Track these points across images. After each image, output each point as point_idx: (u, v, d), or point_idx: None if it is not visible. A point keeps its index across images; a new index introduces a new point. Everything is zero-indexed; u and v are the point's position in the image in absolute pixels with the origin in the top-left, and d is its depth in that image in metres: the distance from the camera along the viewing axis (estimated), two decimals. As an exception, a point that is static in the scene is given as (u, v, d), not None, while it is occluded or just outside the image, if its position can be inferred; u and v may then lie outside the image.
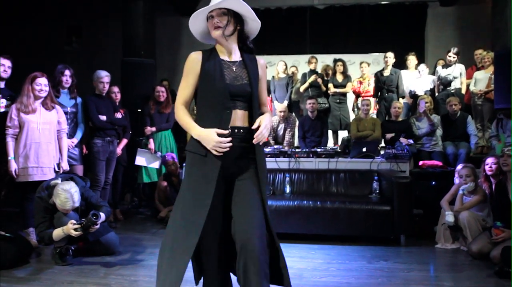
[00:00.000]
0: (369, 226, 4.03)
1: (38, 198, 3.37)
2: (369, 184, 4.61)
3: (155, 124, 5.32)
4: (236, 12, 2.08)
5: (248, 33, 2.18)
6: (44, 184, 3.42)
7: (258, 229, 1.95)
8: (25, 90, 3.84)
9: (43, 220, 3.36)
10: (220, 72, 2.07)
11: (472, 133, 5.90)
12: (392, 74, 6.70)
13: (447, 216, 3.90)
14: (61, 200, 3.23)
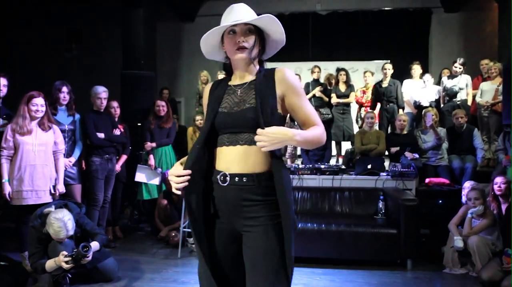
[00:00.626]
0: (375, 250, 3.92)
1: (31, 228, 3.27)
2: (374, 203, 4.49)
3: (155, 140, 5.21)
4: (260, 28, 1.70)
5: (268, 50, 1.79)
6: (38, 212, 3.31)
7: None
8: (21, 111, 3.72)
9: (36, 250, 3.25)
10: (217, 100, 1.69)
11: (479, 146, 5.78)
12: (390, 85, 6.59)
13: (456, 241, 3.78)
14: (54, 229, 3.13)
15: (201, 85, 7.38)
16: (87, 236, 3.44)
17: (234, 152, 1.61)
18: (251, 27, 1.68)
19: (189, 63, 9.62)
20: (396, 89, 6.62)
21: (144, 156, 5.32)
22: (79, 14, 9.25)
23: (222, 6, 8.11)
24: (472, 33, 8.73)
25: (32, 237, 3.26)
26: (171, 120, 5.34)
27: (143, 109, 5.52)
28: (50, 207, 3.30)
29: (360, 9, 9.19)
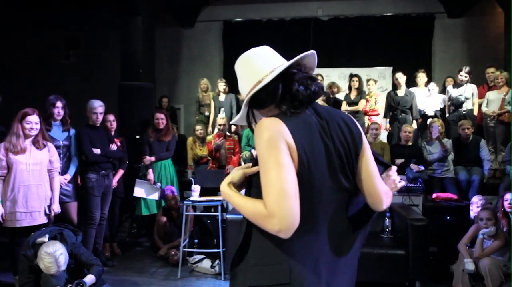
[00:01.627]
0: (382, 272, 3.77)
1: (23, 256, 3.12)
2: (380, 221, 4.34)
3: (154, 153, 5.07)
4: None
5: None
6: (30, 240, 3.16)
7: None
8: (14, 128, 3.58)
9: (28, 280, 3.11)
10: None
11: (486, 158, 5.66)
12: (407, 95, 6.44)
13: (466, 264, 3.64)
14: (45, 264, 2.98)
15: (201, 93, 7.25)
16: (81, 267, 3.29)
17: None
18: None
19: (189, 69, 9.52)
20: (412, 100, 6.47)
21: (143, 170, 5.18)
22: (77, 21, 9.14)
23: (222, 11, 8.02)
24: (476, 39, 8.62)
25: (24, 266, 3.11)
26: (171, 132, 5.19)
27: (141, 121, 5.39)
28: (44, 237, 3.14)
29: (362, 14, 9.09)
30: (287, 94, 1.33)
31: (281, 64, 1.38)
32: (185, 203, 4.35)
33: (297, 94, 1.32)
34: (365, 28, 9.03)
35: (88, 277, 3.17)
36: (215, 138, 5.99)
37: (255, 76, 1.37)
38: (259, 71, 1.37)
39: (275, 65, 1.38)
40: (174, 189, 4.92)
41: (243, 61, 1.44)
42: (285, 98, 1.33)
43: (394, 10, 9.03)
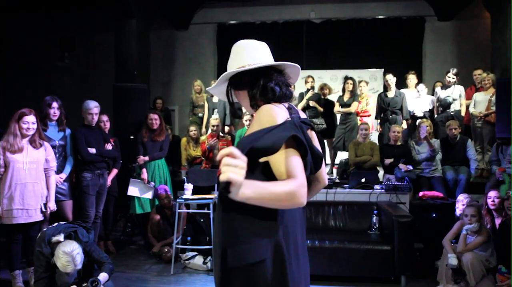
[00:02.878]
0: (369, 267, 3.91)
1: (38, 253, 3.20)
2: (368, 218, 4.49)
3: (148, 153, 5.17)
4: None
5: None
6: (46, 236, 3.22)
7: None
8: (12, 128, 3.67)
9: (44, 275, 3.19)
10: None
11: (472, 157, 5.80)
12: (397, 96, 6.57)
13: (450, 259, 3.77)
14: (62, 263, 3.07)
15: (194, 95, 7.37)
16: (93, 263, 3.39)
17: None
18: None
19: (183, 70, 9.62)
20: (402, 101, 6.61)
21: (136, 170, 5.28)
22: (72, 23, 9.22)
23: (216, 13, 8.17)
24: (466, 42, 8.78)
25: (41, 262, 3.19)
26: (164, 133, 5.30)
27: (135, 122, 5.49)
28: (59, 236, 3.22)
29: (354, 17, 9.23)
30: (265, 88, 1.49)
31: (267, 61, 1.56)
32: (178, 201, 4.46)
33: (274, 91, 1.47)
34: (357, 31, 9.17)
35: (101, 275, 3.26)
36: (208, 138, 6.10)
37: (242, 60, 1.57)
38: (247, 59, 1.56)
39: (262, 60, 1.56)
40: (168, 188, 5.03)
41: (240, 45, 1.64)
42: (264, 91, 1.50)
43: (386, 13, 9.18)
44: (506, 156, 5.47)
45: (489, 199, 4.21)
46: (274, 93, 1.49)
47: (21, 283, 3.79)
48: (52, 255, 3.17)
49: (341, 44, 9.32)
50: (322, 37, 9.32)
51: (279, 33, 9.33)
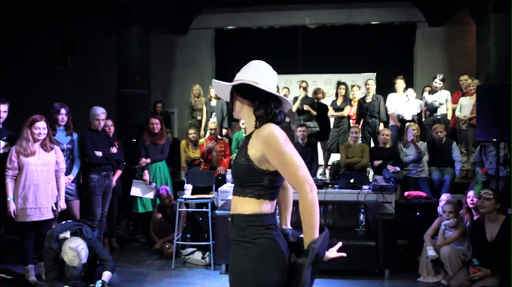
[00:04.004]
0: (355, 261, 4.21)
1: (48, 247, 3.50)
2: (356, 216, 4.80)
3: (149, 155, 5.49)
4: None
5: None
6: (54, 233, 3.53)
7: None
8: (24, 134, 3.98)
9: (54, 268, 3.50)
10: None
11: (457, 159, 6.11)
12: (374, 100, 6.92)
13: (429, 251, 4.09)
14: (68, 258, 3.38)
15: (193, 99, 7.67)
16: (95, 259, 3.69)
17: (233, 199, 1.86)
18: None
19: (182, 74, 9.92)
20: (379, 104, 6.95)
21: (139, 171, 5.59)
22: (74, 29, 9.49)
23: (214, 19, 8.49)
24: (455, 47, 9.11)
25: (50, 256, 3.50)
26: (165, 136, 5.62)
27: (137, 126, 5.79)
28: (66, 232, 3.53)
29: (348, 23, 9.54)
30: (272, 111, 1.80)
31: (276, 91, 1.85)
32: (178, 200, 4.78)
33: (277, 116, 1.81)
34: (351, 36, 9.49)
35: (105, 275, 3.55)
36: (207, 141, 6.42)
37: (256, 78, 1.81)
38: (261, 78, 1.81)
39: (273, 86, 1.84)
40: (168, 188, 5.34)
41: (261, 65, 1.88)
42: (271, 114, 1.79)
43: (378, 19, 9.50)
44: (489, 157, 5.80)
45: (468, 198, 4.53)
46: (276, 118, 1.80)
47: (34, 276, 4.10)
48: (60, 250, 3.48)
49: (335, 49, 9.64)
50: (317, 42, 9.64)
51: (275, 38, 9.65)
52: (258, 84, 1.78)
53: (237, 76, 1.87)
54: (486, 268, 3.65)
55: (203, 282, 4.19)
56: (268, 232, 1.75)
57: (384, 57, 9.39)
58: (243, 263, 1.74)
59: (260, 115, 1.78)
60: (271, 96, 1.80)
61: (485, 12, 6.75)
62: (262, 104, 1.79)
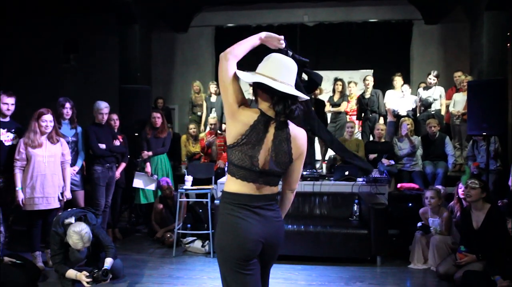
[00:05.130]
0: (348, 248, 4.41)
1: (54, 232, 3.69)
2: (350, 207, 4.99)
3: (151, 149, 5.68)
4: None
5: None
6: (60, 219, 3.73)
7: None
8: (32, 126, 4.17)
9: (59, 252, 3.69)
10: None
11: (450, 153, 6.29)
12: (372, 95, 7.09)
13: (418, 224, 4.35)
14: (73, 241, 3.57)
15: (194, 95, 7.85)
16: (98, 245, 3.88)
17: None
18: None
19: (183, 71, 10.09)
20: (378, 99, 7.12)
21: (141, 164, 5.78)
22: (76, 26, 9.63)
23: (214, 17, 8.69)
24: (450, 45, 9.25)
25: (55, 240, 3.69)
26: (166, 130, 5.81)
27: (139, 120, 5.97)
28: (71, 218, 3.72)
29: (346, 21, 9.69)
30: (290, 108, 1.89)
31: (292, 88, 1.90)
32: (179, 191, 4.98)
33: (292, 110, 1.90)
34: (348, 34, 9.64)
35: (107, 261, 3.72)
36: (207, 135, 6.60)
37: (275, 74, 1.89)
38: (279, 75, 1.89)
39: (291, 81, 1.91)
40: (169, 180, 5.54)
41: (279, 61, 1.95)
42: (285, 107, 1.89)
43: (375, 16, 9.63)
44: (480, 152, 5.98)
45: (460, 189, 4.71)
46: (293, 113, 1.91)
47: (41, 262, 4.29)
48: (65, 234, 3.66)
49: (333, 46, 9.79)
50: (315, 39, 9.79)
51: (274, 36, 9.78)
52: (276, 81, 1.86)
53: (258, 68, 1.95)
54: (472, 254, 3.84)
55: (202, 268, 4.38)
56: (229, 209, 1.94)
57: (381, 54, 9.52)
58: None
59: (279, 111, 1.88)
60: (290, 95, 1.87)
61: (478, 10, 6.92)
62: (281, 100, 1.87)
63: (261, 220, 1.91)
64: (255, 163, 1.89)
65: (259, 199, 1.92)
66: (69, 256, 3.74)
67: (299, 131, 1.98)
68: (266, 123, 1.90)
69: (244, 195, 1.92)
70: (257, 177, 1.91)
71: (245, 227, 1.88)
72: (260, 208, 1.92)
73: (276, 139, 1.90)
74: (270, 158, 1.90)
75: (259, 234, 1.90)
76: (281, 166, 1.93)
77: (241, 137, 1.88)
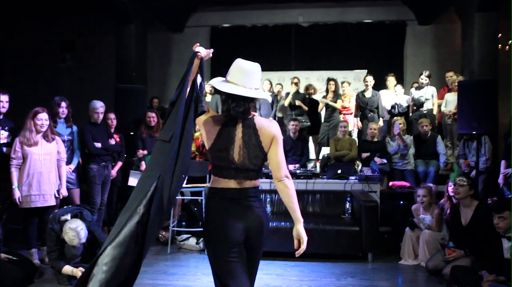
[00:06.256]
0: (340, 245, 4.50)
1: (50, 229, 3.77)
2: (342, 204, 5.07)
3: (146, 147, 5.72)
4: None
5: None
6: (56, 216, 3.80)
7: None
8: (27, 125, 4.22)
9: (55, 248, 3.78)
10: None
11: (441, 152, 6.38)
12: (373, 95, 7.16)
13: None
14: (69, 237, 3.65)
15: (189, 94, 7.89)
16: (94, 242, 3.94)
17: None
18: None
19: (178, 71, 10.12)
20: (378, 100, 7.19)
21: (136, 163, 5.83)
22: (72, 27, 9.70)
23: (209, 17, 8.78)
24: (443, 45, 9.38)
25: (51, 237, 3.77)
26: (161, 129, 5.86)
27: (135, 119, 6.03)
28: (67, 215, 3.80)
29: (340, 21, 9.80)
30: (242, 106, 2.09)
31: (247, 90, 2.07)
32: (174, 189, 5.02)
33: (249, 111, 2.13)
34: (342, 34, 9.75)
35: None
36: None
37: (234, 78, 2.10)
38: (237, 79, 2.09)
39: (249, 85, 2.09)
40: (164, 178, 5.58)
41: (234, 64, 2.13)
42: (239, 107, 2.08)
43: (370, 17, 9.75)
44: (471, 151, 6.07)
45: (450, 187, 4.80)
46: (248, 112, 2.12)
47: (37, 259, 4.35)
48: (61, 231, 3.75)
49: (327, 47, 9.89)
50: (310, 40, 9.88)
51: (269, 36, 9.90)
52: (232, 84, 2.07)
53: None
54: (460, 249, 3.93)
55: (197, 265, 4.44)
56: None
57: (375, 54, 9.64)
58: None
59: (230, 110, 2.08)
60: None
61: (470, 11, 7.01)
62: (235, 101, 2.06)
63: (243, 210, 2.06)
64: (232, 161, 2.05)
65: (241, 192, 2.07)
66: (65, 253, 3.80)
67: (264, 121, 2.13)
68: (233, 123, 2.07)
69: (226, 189, 2.07)
70: (236, 173, 2.06)
71: (228, 217, 2.04)
72: (242, 199, 2.07)
73: (245, 135, 2.06)
74: (243, 154, 2.05)
75: (241, 223, 2.04)
76: (255, 160, 2.07)
77: (214, 140, 2.07)
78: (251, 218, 2.07)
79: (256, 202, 2.11)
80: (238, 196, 2.07)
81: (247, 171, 2.07)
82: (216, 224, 2.04)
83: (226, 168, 2.07)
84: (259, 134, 2.07)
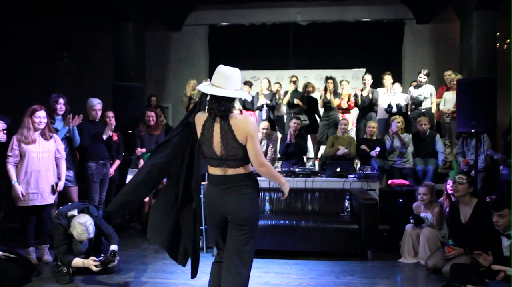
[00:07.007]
0: (339, 243, 4.48)
1: (57, 224, 3.78)
2: (341, 203, 5.05)
3: (145, 145, 5.71)
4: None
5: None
6: (63, 212, 3.82)
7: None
8: (25, 122, 4.19)
9: (63, 242, 3.80)
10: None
11: (440, 150, 6.38)
12: (372, 94, 7.15)
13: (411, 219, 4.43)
14: (77, 232, 3.66)
15: (189, 91, 7.88)
16: (101, 236, 3.95)
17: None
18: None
19: (176, 69, 10.14)
20: (376, 98, 7.18)
21: (134, 161, 5.81)
22: (69, 25, 9.67)
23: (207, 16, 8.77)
24: (442, 44, 9.40)
25: (59, 232, 3.79)
26: (160, 127, 5.85)
27: (133, 117, 6.01)
28: (73, 210, 3.81)
29: (338, 20, 9.81)
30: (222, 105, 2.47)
31: (226, 91, 2.45)
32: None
33: (228, 109, 2.52)
34: (341, 33, 9.77)
35: (113, 247, 3.86)
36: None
37: (216, 81, 2.49)
38: (218, 81, 2.47)
39: (229, 87, 2.47)
40: (163, 176, 5.56)
41: (220, 69, 2.50)
42: (219, 106, 2.48)
43: (368, 16, 9.77)
44: (470, 149, 6.07)
45: (448, 185, 4.80)
46: (228, 110, 2.51)
47: (35, 258, 4.32)
48: (69, 226, 3.78)
49: (326, 45, 9.90)
50: (308, 38, 9.89)
51: (267, 35, 9.89)
52: (215, 86, 2.45)
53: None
54: (460, 247, 3.92)
55: (196, 263, 4.41)
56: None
57: (374, 53, 9.67)
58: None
59: (213, 109, 2.48)
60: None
61: (468, 10, 7.02)
62: (215, 101, 2.45)
63: (224, 193, 2.50)
64: (215, 152, 2.46)
65: (226, 179, 2.50)
66: (72, 248, 3.83)
67: (240, 118, 2.48)
68: (213, 120, 2.46)
69: (214, 175, 2.54)
70: (220, 163, 2.48)
71: (211, 198, 2.57)
72: (226, 184, 2.49)
73: (222, 130, 2.44)
74: (221, 146, 2.43)
75: (221, 205, 2.52)
76: (233, 151, 2.44)
77: (201, 134, 2.50)
78: (231, 200, 2.48)
79: (241, 187, 2.49)
80: (223, 182, 2.50)
81: (227, 161, 2.46)
82: (206, 204, 2.62)
83: (211, 158, 2.50)
84: (233, 129, 2.42)
